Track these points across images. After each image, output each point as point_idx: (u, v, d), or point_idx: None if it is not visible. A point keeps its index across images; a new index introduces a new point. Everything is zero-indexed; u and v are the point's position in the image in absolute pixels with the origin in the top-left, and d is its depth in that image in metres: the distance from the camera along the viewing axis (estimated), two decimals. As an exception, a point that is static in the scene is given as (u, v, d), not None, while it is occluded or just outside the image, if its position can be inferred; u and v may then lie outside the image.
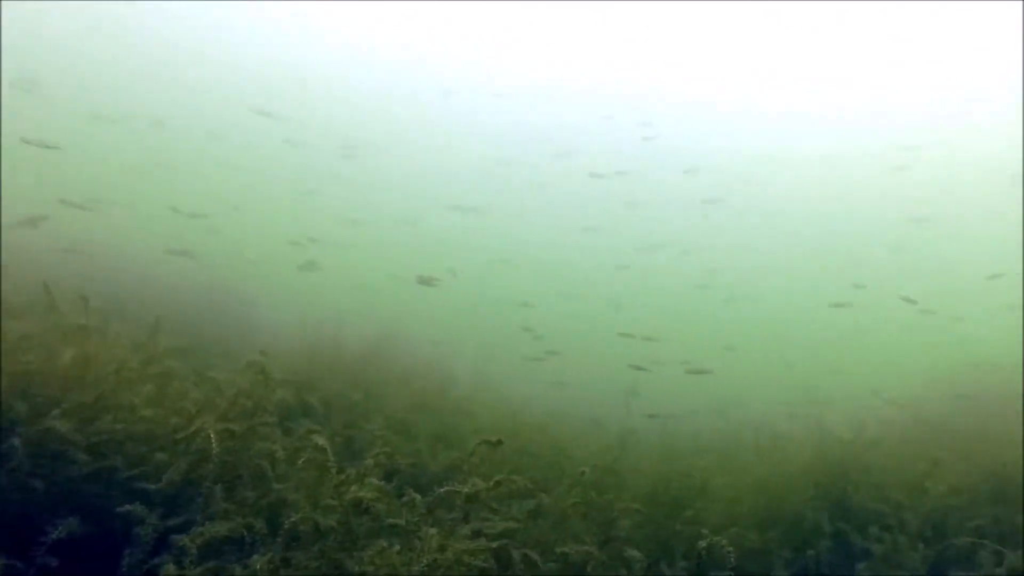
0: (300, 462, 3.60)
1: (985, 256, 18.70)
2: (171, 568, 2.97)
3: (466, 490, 3.41)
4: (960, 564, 5.15)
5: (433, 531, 3.24)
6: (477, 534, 3.66)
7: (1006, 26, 29.94)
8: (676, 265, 21.62)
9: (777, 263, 25.34)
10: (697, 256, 21.25)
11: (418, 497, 3.65)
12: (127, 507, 3.37)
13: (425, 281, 8.95)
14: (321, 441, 3.38)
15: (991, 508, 5.59)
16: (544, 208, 30.67)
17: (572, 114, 34.84)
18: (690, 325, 17.05)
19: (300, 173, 26.01)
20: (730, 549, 3.42)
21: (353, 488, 3.31)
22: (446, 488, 3.42)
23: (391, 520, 3.47)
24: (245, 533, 3.42)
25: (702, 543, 3.52)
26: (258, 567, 2.98)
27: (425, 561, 2.95)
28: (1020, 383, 7.68)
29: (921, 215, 23.27)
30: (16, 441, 3.49)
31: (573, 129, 32.96)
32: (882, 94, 34.41)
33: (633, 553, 4.24)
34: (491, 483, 3.43)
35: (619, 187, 24.09)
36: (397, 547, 3.23)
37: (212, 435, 3.55)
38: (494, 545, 3.26)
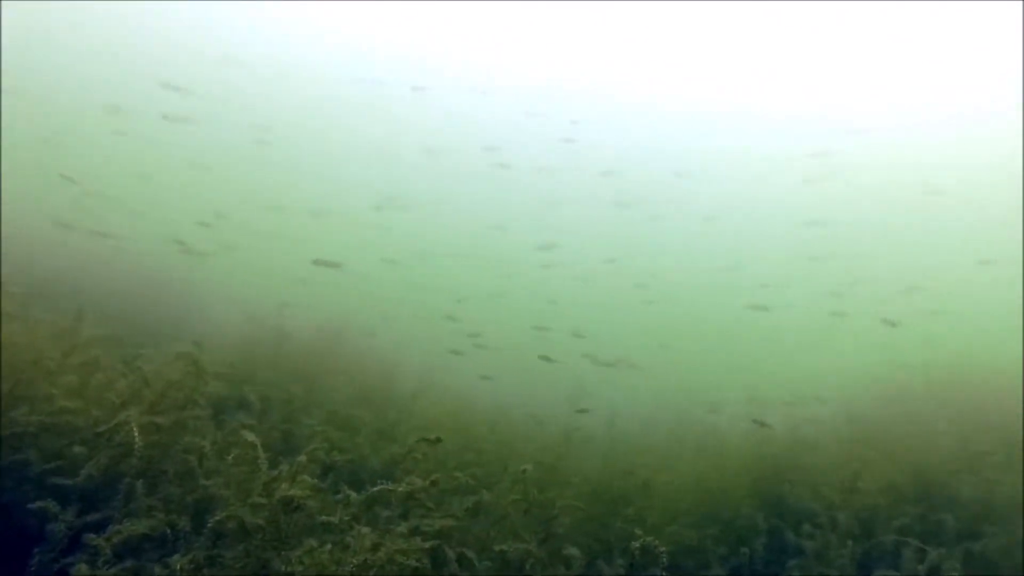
0: (230, 458, 3.48)
1: (907, 262, 19.56)
2: (83, 568, 2.83)
3: (400, 488, 3.35)
4: (885, 561, 5.37)
5: (366, 530, 3.18)
6: (415, 532, 3.63)
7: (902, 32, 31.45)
8: (595, 266, 21.69)
9: (698, 265, 25.75)
10: (617, 256, 21.32)
11: (353, 495, 3.58)
12: (39, 503, 3.21)
13: (325, 263, 8.79)
14: (251, 437, 3.27)
15: (916, 507, 5.84)
16: (469, 201, 30.44)
17: (500, 110, 34.74)
18: (615, 323, 17.18)
19: (210, 153, 24.85)
20: (663, 549, 3.46)
21: (284, 485, 3.22)
22: (379, 487, 3.35)
23: (324, 518, 3.40)
24: (168, 531, 3.30)
25: (635, 543, 3.55)
26: (178, 567, 2.87)
27: (356, 561, 2.89)
28: (945, 385, 8.09)
29: (843, 219, 24.09)
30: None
31: (500, 124, 32.94)
32: (803, 97, 35.38)
33: (572, 551, 4.27)
34: (428, 481, 3.37)
35: (540, 183, 24.24)
36: (329, 546, 3.17)
37: (135, 428, 3.40)
38: (427, 545, 3.21)
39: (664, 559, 3.39)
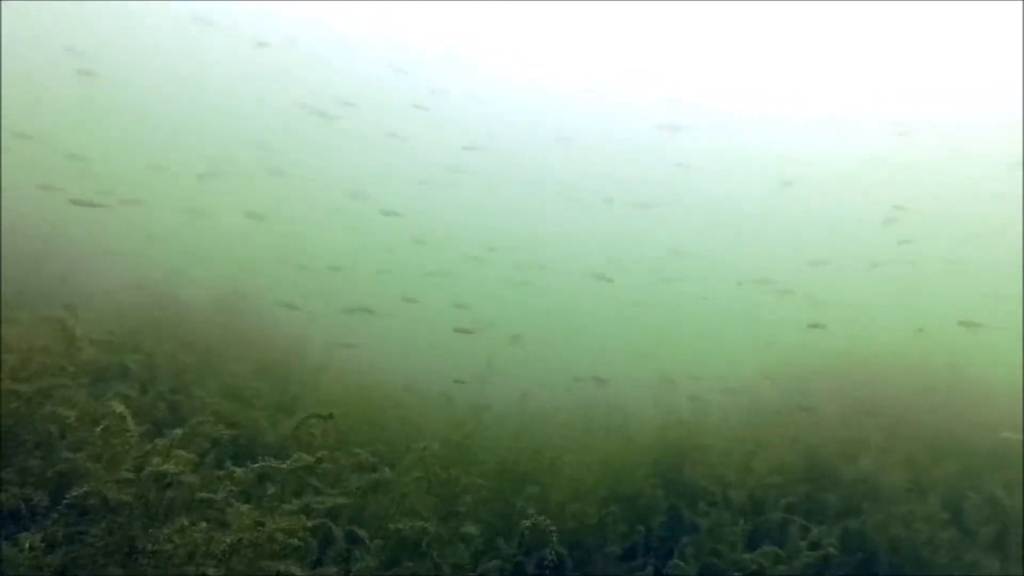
0: (98, 430, 3.24)
1: (815, 244, 20.58)
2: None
3: (285, 465, 3.23)
4: (772, 537, 5.69)
5: (246, 507, 3.05)
6: (305, 511, 3.51)
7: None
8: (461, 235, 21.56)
9: (586, 243, 26.10)
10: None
11: (237, 471, 3.43)
12: None
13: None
14: (120, 408, 3.05)
15: (804, 486, 6.22)
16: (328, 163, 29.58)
17: (363, 65, 33.70)
18: (501, 300, 17.08)
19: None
20: (553, 528, 3.50)
21: (156, 460, 3.03)
22: (261, 463, 3.22)
23: (203, 495, 3.23)
24: (22, 506, 3.06)
25: (525, 522, 3.58)
26: (27, 544, 2.66)
27: (229, 540, 2.76)
28: (841, 374, 8.65)
29: (747, 206, 25.03)
30: None
31: (362, 79, 32.10)
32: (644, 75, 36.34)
33: (470, 529, 4.28)
34: (315, 458, 3.26)
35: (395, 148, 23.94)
36: (204, 524, 3.02)
37: (-12, 396, 3.11)
38: (310, 524, 3.11)
39: (554, 538, 3.43)
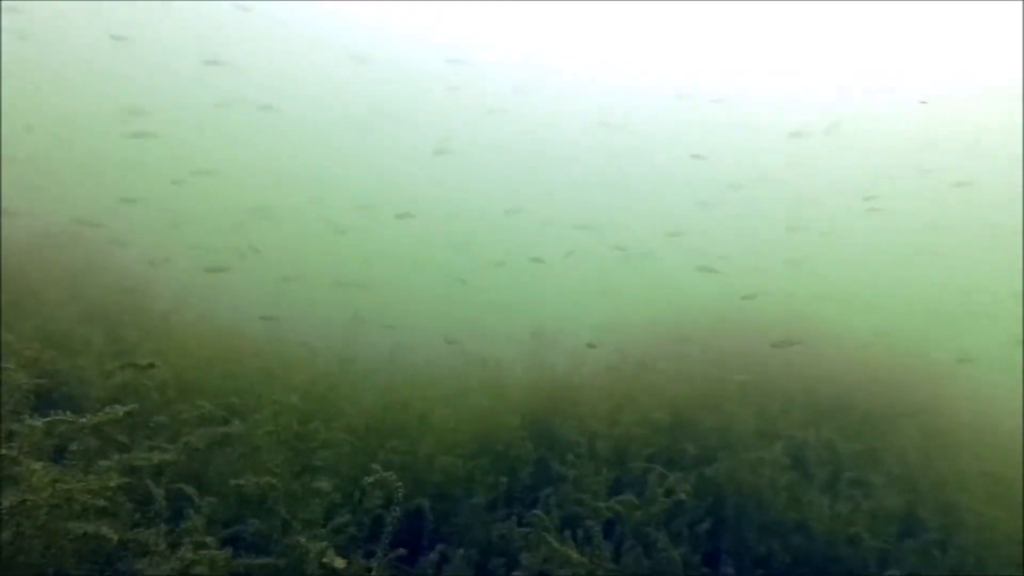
0: None
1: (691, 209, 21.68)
2: None
3: (85, 420, 2.85)
4: (633, 486, 5.94)
5: (38, 465, 2.67)
6: (122, 468, 3.16)
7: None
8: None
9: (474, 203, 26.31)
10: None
11: (38, 424, 3.00)
12: None
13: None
14: None
15: (666, 437, 6.53)
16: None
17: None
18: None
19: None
20: (399, 484, 3.39)
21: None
22: (52, 417, 2.83)
23: (-7, 451, 2.80)
24: None
25: (368, 479, 3.44)
26: None
27: (9, 501, 2.40)
28: (711, 330, 9.19)
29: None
30: None
31: None
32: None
33: (322, 484, 4.08)
34: (123, 412, 2.90)
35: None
36: (-12, 484, 2.62)
37: None
38: (117, 483, 2.79)
39: (399, 493, 3.31)
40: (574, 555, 4.50)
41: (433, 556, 4.43)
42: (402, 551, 4.13)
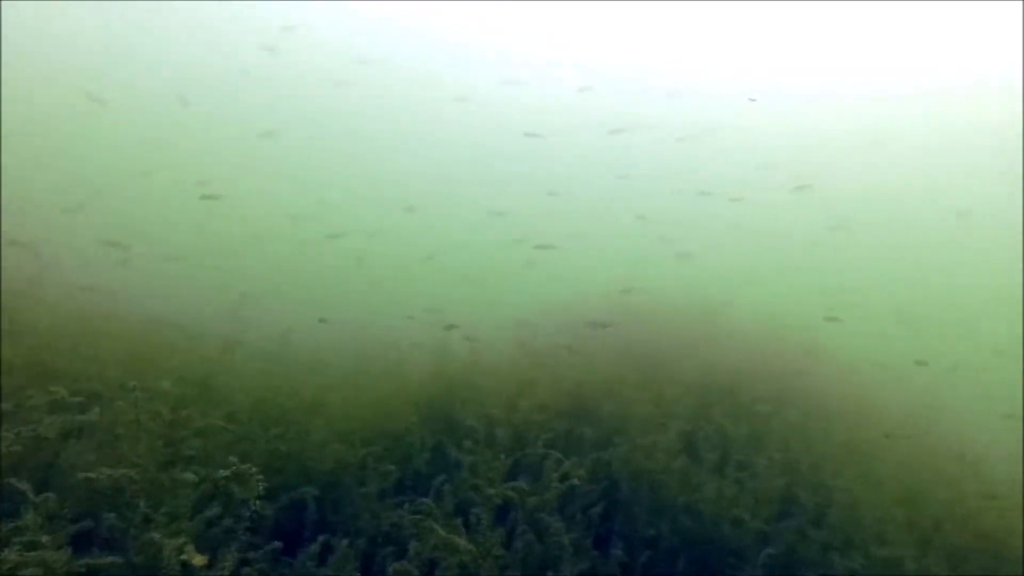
0: None
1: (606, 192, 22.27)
2: None
3: None
4: (530, 471, 5.97)
5: None
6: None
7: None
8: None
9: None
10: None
11: None
12: None
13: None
14: None
15: (565, 422, 6.60)
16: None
17: None
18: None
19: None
20: (260, 477, 3.23)
21: None
22: None
23: None
24: None
25: (223, 472, 3.26)
26: None
27: None
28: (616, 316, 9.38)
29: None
30: None
31: None
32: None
33: (187, 475, 3.83)
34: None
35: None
36: None
37: None
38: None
39: (260, 486, 3.16)
40: (461, 543, 4.46)
41: (314, 548, 4.27)
42: (278, 544, 3.96)
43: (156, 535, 3.06)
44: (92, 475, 3.33)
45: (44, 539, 2.77)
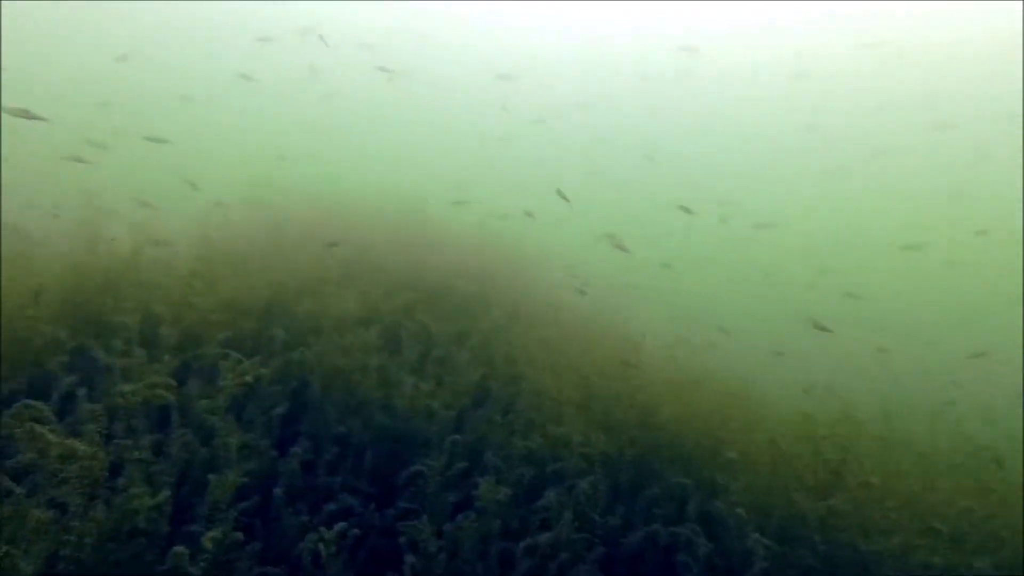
0: None
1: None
2: None
3: None
4: (204, 372, 5.41)
5: None
6: None
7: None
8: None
9: None
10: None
11: None
12: None
13: None
14: None
15: (253, 321, 6.09)
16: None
17: None
18: None
19: None
20: None
21: None
22: None
23: None
24: None
25: None
26: None
27: None
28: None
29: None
30: None
31: None
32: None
33: None
34: None
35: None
36: None
37: None
38: None
39: None
40: (80, 447, 3.82)
41: None
42: None
43: None
44: None
45: None
